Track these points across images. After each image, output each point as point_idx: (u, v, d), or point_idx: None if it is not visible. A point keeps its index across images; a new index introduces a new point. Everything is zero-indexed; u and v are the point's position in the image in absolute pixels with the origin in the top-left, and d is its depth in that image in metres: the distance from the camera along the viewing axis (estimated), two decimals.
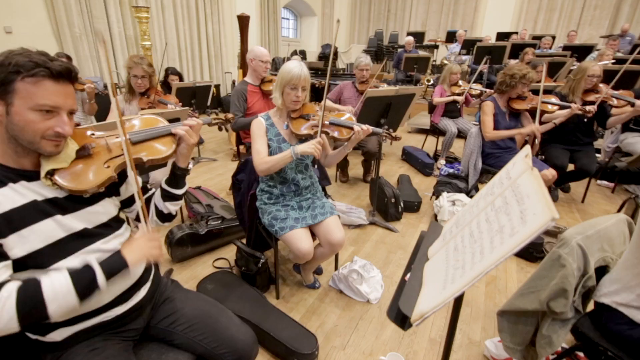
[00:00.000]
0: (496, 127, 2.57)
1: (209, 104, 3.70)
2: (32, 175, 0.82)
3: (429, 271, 0.87)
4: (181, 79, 3.79)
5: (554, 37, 6.70)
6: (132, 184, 1.05)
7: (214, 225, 2.20)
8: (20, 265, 0.77)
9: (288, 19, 10.97)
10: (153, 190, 1.10)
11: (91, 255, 0.86)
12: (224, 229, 2.23)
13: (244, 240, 2.00)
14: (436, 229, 1.15)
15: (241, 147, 2.84)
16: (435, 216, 2.67)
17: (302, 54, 10.12)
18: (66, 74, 0.78)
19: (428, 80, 6.52)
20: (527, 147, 1.00)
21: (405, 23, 10.95)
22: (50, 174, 0.81)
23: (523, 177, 0.77)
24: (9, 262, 0.76)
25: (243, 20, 3.46)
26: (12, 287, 0.72)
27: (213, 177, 3.51)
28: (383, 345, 1.55)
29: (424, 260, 0.97)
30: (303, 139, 1.64)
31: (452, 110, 3.88)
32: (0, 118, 0.76)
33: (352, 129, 1.58)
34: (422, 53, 7.15)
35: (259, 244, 1.94)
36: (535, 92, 2.61)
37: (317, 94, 4.47)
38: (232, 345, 0.99)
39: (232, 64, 7.71)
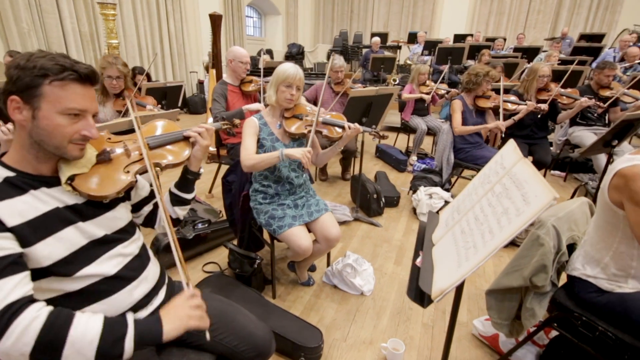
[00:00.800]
0: (464, 124, 2.77)
1: (179, 105, 3.59)
2: (52, 182, 0.80)
3: (438, 254, 0.96)
4: (149, 79, 3.63)
5: (504, 39, 7.26)
6: (145, 189, 1.04)
7: (201, 229, 2.16)
8: (43, 273, 0.75)
9: (252, 17, 10.81)
10: (157, 198, 1.08)
11: (114, 261, 0.85)
12: (211, 233, 2.20)
13: (235, 242, 1.99)
14: (434, 218, 1.25)
15: (222, 150, 2.80)
16: (414, 209, 2.82)
17: (269, 53, 10.04)
18: (92, 77, 0.78)
19: (394, 80, 6.79)
20: (512, 141, 1.13)
21: (368, 23, 11.23)
22: (71, 179, 0.79)
23: (517, 165, 0.88)
24: (28, 273, 0.72)
25: (215, 20, 3.39)
26: (44, 310, 0.68)
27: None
28: (381, 334, 1.64)
29: (429, 246, 1.05)
30: (297, 138, 1.67)
31: (420, 108, 4.09)
32: (24, 123, 0.75)
33: (343, 128, 1.64)
34: (386, 53, 7.40)
35: (252, 245, 1.95)
36: (497, 91, 2.85)
37: None
38: (252, 342, 1.01)
39: (196, 62, 7.48)
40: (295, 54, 10.77)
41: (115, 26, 2.50)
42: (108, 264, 0.84)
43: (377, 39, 7.57)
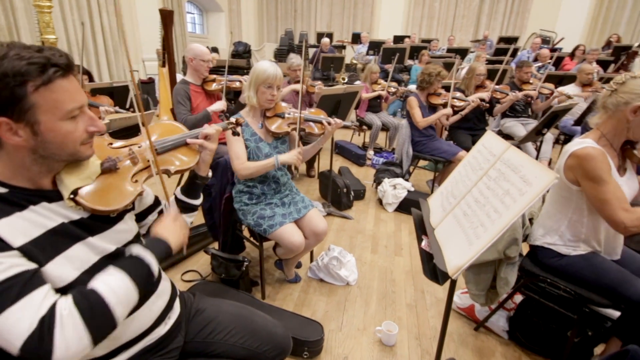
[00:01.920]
0: (419, 117, 3.00)
1: (127, 106, 3.32)
2: (52, 196, 0.72)
3: (443, 236, 1.07)
4: (91, 78, 3.27)
5: (437, 40, 7.92)
6: (150, 197, 0.98)
7: None
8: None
9: (192, 13, 10.25)
10: (164, 205, 1.02)
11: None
12: (188, 239, 2.09)
13: (216, 247, 1.92)
14: (424, 205, 1.37)
15: None
16: (380, 200, 2.98)
17: (215, 51, 9.62)
18: (72, 64, 0.67)
19: (343, 79, 7.00)
20: (491, 132, 1.28)
21: (311, 23, 11.37)
22: (74, 193, 0.71)
23: (508, 152, 1.02)
24: (50, 286, 0.66)
25: (166, 16, 3.18)
26: (67, 304, 0.64)
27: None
28: (372, 319, 1.73)
29: (430, 230, 1.16)
30: (280, 136, 1.68)
31: (374, 105, 4.31)
32: (23, 143, 0.64)
33: (327, 123, 1.69)
34: (336, 53, 7.60)
35: (235, 248, 1.91)
36: (446, 88, 3.14)
37: (236, 95, 4.38)
38: (272, 341, 1.01)
39: (135, 60, 6.89)
40: (242, 53, 10.48)
41: (52, 19, 2.20)
42: (129, 251, 0.78)
43: (326, 40, 7.75)
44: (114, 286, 0.68)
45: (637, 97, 1.19)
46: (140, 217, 0.96)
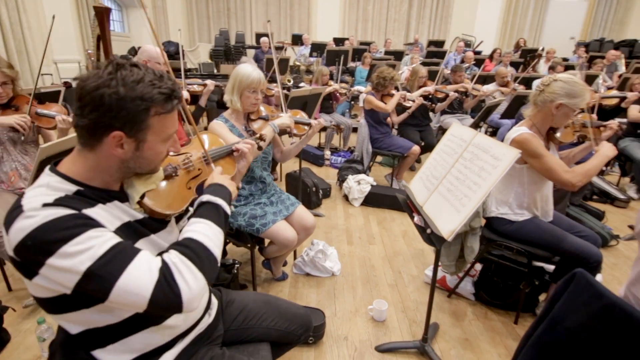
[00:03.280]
0: (377, 118, 3.27)
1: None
2: (121, 197, 0.78)
3: (432, 210, 1.27)
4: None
5: (375, 44, 8.45)
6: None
7: None
8: None
9: (111, 9, 9.36)
10: (192, 210, 1.06)
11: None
12: None
13: None
14: (407, 189, 1.58)
15: None
16: (346, 196, 3.18)
17: None
18: (181, 96, 0.76)
19: (289, 80, 7.10)
20: (457, 122, 1.52)
21: (247, 23, 11.19)
22: (141, 196, 0.78)
23: (477, 137, 1.26)
24: None
25: (102, 13, 2.94)
26: (174, 255, 0.70)
27: None
28: (361, 301, 1.91)
29: (419, 207, 1.36)
30: (265, 138, 1.75)
31: (327, 107, 4.48)
32: (123, 156, 0.71)
33: (309, 124, 1.81)
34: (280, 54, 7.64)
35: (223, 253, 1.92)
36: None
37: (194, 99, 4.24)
38: (299, 320, 1.12)
39: (45, 63, 6.13)
40: (173, 54, 9.91)
41: None
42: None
43: (265, 39, 7.74)
44: (205, 232, 0.76)
45: (559, 96, 1.52)
46: (177, 220, 1.00)
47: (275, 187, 1.91)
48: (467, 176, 1.19)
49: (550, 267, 1.76)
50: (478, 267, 1.97)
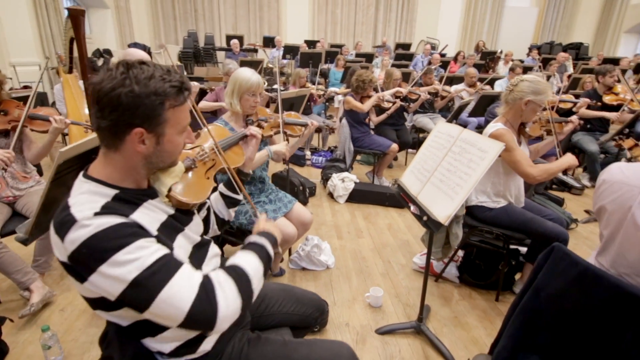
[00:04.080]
0: (357, 117, 3.41)
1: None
2: (152, 194, 0.81)
3: (427, 199, 1.41)
4: None
5: (346, 47, 8.65)
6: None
7: None
8: None
9: (85, 10, 8.86)
10: (208, 202, 1.10)
11: (213, 261, 0.92)
12: None
13: None
14: (401, 183, 1.70)
15: None
16: (331, 194, 3.29)
17: (108, 54, 8.59)
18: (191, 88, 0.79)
19: (264, 82, 7.10)
20: (442, 120, 1.67)
21: (216, 25, 11.00)
22: (169, 190, 0.82)
23: (463, 133, 1.41)
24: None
25: (77, 15, 2.83)
26: (221, 272, 0.75)
27: None
28: (357, 290, 2.02)
29: (414, 197, 1.49)
30: (263, 140, 1.81)
31: (304, 108, 4.60)
32: (144, 151, 0.73)
33: (305, 125, 1.89)
34: (255, 57, 7.62)
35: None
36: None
37: None
38: (315, 304, 1.21)
39: (2, 65, 5.74)
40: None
41: None
42: (208, 268, 0.89)
43: (235, 41, 7.71)
44: (250, 263, 0.81)
45: (526, 94, 1.72)
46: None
47: (272, 186, 1.97)
48: (458, 167, 1.33)
49: (524, 249, 1.98)
50: (461, 252, 2.15)
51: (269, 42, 9.21)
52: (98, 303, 0.73)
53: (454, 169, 1.35)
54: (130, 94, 0.67)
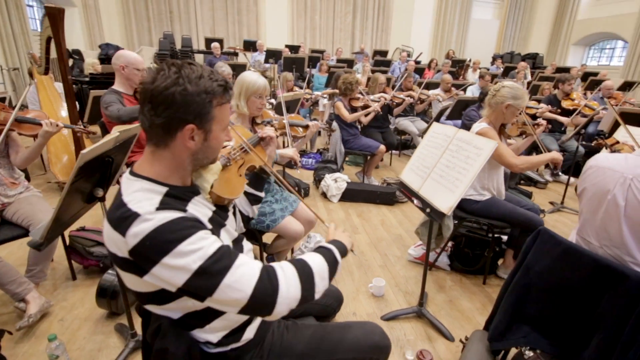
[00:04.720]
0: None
1: None
2: (196, 191, 0.85)
3: (428, 192, 1.57)
4: None
5: (327, 52, 8.87)
6: None
7: None
8: None
9: (32, 6, 8.44)
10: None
11: (249, 255, 0.97)
12: None
13: None
14: (402, 179, 1.86)
15: None
16: (324, 194, 3.42)
17: (78, 55, 8.26)
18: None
19: None
20: (436, 123, 1.85)
21: (193, 27, 10.83)
22: (211, 186, 0.87)
23: (459, 133, 1.59)
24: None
25: (55, 14, 2.72)
26: (284, 261, 0.79)
27: None
28: (360, 282, 2.16)
29: (416, 192, 1.65)
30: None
31: (293, 111, 4.72)
32: (194, 147, 0.77)
33: (307, 127, 2.01)
34: (238, 60, 7.62)
35: None
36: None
37: None
38: (334, 295, 1.32)
39: None
40: (112, 56, 9.23)
41: None
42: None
43: (216, 44, 7.69)
44: (315, 260, 0.84)
45: (506, 99, 1.95)
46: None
47: (276, 186, 2.07)
48: (456, 164, 1.51)
49: (504, 237, 2.21)
50: (450, 243, 2.35)
51: (249, 45, 9.22)
52: (153, 297, 0.75)
53: (453, 165, 1.52)
54: (184, 92, 0.71)
